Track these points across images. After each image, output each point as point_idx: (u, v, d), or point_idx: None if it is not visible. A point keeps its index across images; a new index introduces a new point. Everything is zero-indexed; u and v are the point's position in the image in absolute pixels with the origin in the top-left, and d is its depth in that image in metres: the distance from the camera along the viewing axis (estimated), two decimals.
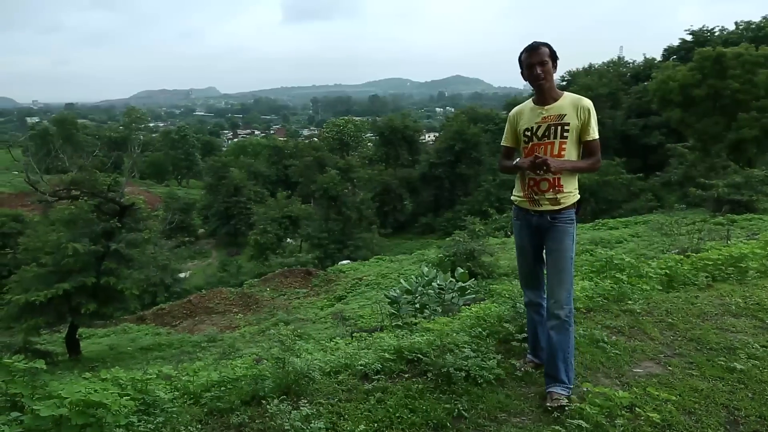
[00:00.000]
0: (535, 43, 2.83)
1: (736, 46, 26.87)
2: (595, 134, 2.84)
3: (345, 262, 25.94)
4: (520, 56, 2.89)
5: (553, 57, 2.84)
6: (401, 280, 7.20)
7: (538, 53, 2.80)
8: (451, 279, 6.76)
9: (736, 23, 38.75)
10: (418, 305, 6.16)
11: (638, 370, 3.28)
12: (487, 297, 6.91)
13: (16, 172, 45.58)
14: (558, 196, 2.84)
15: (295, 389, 3.03)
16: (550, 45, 2.84)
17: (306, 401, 2.91)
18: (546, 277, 3.00)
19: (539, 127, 2.87)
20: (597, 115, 2.89)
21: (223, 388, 3.15)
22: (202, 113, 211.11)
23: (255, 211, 38.44)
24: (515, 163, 2.94)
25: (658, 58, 41.46)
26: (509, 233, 23.78)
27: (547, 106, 2.86)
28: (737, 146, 25.56)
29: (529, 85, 2.99)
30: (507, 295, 4.47)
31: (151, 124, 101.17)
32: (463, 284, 6.49)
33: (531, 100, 2.99)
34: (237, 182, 43.58)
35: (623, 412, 2.61)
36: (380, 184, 42.41)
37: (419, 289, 6.49)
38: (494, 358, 3.28)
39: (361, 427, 2.59)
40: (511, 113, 3.05)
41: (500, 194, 38.42)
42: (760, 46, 26.05)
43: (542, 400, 2.86)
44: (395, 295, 6.73)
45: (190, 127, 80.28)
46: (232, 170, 45.29)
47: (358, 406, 2.85)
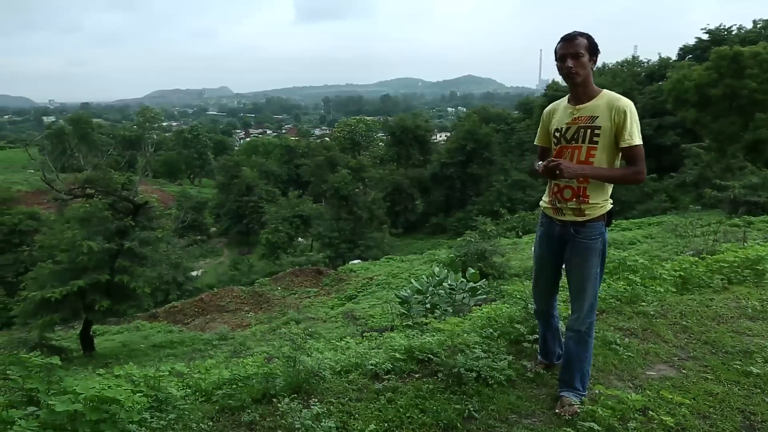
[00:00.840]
0: (573, 33, 2.55)
1: (754, 45, 26.47)
2: (634, 140, 2.51)
3: (356, 261, 25.99)
4: (556, 47, 2.60)
5: (592, 50, 2.54)
6: (412, 280, 7.19)
7: (573, 44, 2.51)
8: (462, 279, 6.73)
9: (754, 21, 38.19)
10: (428, 305, 6.15)
11: (651, 373, 3.25)
12: (498, 298, 6.89)
13: (32, 171, 46.31)
14: (582, 206, 2.60)
15: (306, 388, 3.04)
16: (590, 36, 2.55)
17: (316, 400, 2.92)
18: (569, 291, 2.84)
19: (569, 128, 2.62)
20: None
21: (234, 386, 3.17)
22: (215, 113, 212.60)
23: (266, 210, 38.66)
24: (536, 166, 2.69)
25: (674, 57, 41.00)
26: (520, 234, 23.66)
27: (579, 106, 2.61)
28: (754, 147, 25.16)
29: (541, 86, 2.82)
30: (518, 296, 4.45)
31: (165, 124, 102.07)
32: (474, 285, 6.46)
33: (567, 97, 2.75)
34: (249, 181, 43.83)
35: (636, 415, 2.58)
36: (391, 183, 42.41)
37: (430, 289, 6.47)
38: (505, 359, 3.27)
39: (372, 426, 2.59)
40: (546, 110, 2.85)
41: (512, 194, 38.22)
42: None
43: (553, 402, 2.84)
44: (406, 294, 6.73)
45: (203, 127, 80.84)
46: (244, 169, 45.56)
47: (368, 406, 2.85)
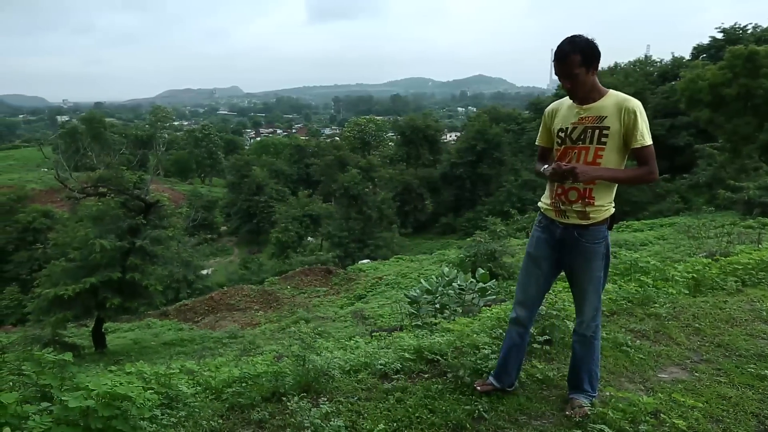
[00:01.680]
0: (564, 50, 2.40)
1: None
2: (646, 140, 2.45)
3: (365, 261, 26.02)
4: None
5: (588, 61, 2.40)
6: (421, 280, 7.17)
7: (565, 65, 2.40)
8: (472, 280, 6.71)
9: None
10: (438, 305, 6.13)
11: (663, 376, 3.22)
12: (507, 298, 6.85)
13: (46, 170, 46.89)
14: (587, 209, 2.52)
15: (315, 387, 3.05)
16: (584, 47, 2.39)
17: (326, 399, 2.93)
18: (573, 296, 2.79)
19: (575, 128, 2.53)
20: None
21: (244, 384, 3.18)
22: (226, 112, 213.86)
23: (276, 210, 38.81)
24: (542, 168, 2.60)
25: (687, 56, 40.54)
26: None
27: (586, 105, 2.51)
28: None
29: (552, 86, 2.76)
30: None
31: (176, 123, 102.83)
32: (483, 285, 6.43)
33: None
34: (259, 181, 44.04)
35: (647, 418, 2.56)
36: (401, 183, 42.39)
37: (440, 289, 6.46)
38: None
39: (381, 426, 2.59)
40: (547, 109, 2.75)
41: (522, 195, 38.02)
42: None
43: (563, 404, 2.82)
44: (415, 294, 6.72)
45: (214, 126, 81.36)
46: (254, 169, 45.78)
47: (377, 405, 2.86)
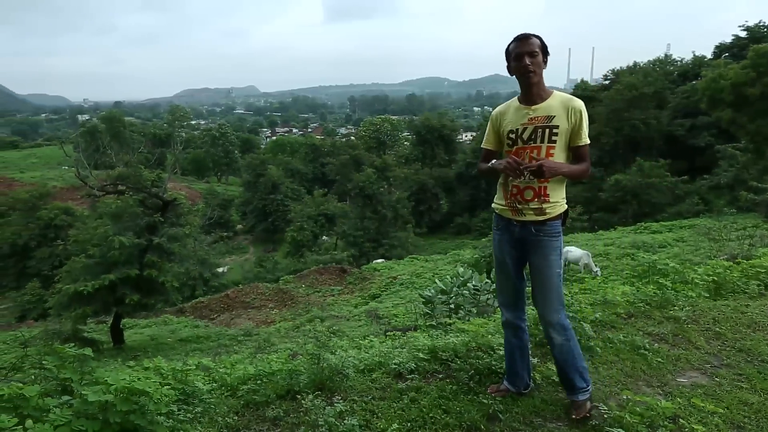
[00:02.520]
0: (526, 33, 2.59)
1: None
2: (587, 138, 2.59)
3: (379, 260, 26.03)
4: (508, 47, 2.62)
5: (544, 50, 2.57)
6: (436, 280, 7.16)
7: (528, 42, 2.54)
8: (487, 280, 6.68)
9: None
10: (452, 306, 6.11)
11: (682, 380, 3.16)
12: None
13: (66, 168, 47.76)
14: (544, 206, 2.60)
15: (330, 385, 3.06)
16: (541, 37, 2.59)
17: (340, 398, 2.94)
18: (533, 296, 2.77)
19: (525, 129, 2.59)
20: (641, 116, 2.69)
21: (259, 382, 3.20)
22: (242, 111, 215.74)
23: (292, 209, 39.04)
24: (492, 163, 2.65)
25: (709, 55, 39.79)
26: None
27: (534, 106, 2.60)
28: None
29: (569, 86, 2.78)
30: None
31: (193, 122, 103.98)
32: None
33: (516, 98, 2.72)
34: (275, 180, 44.33)
35: (666, 422, 2.51)
36: (416, 183, 42.33)
37: (454, 289, 6.43)
38: (530, 361, 3.23)
39: (395, 425, 2.59)
40: (494, 113, 2.80)
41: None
42: None
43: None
44: (430, 294, 6.71)
45: (230, 125, 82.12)
46: (270, 168, 46.09)
47: (391, 405, 2.85)
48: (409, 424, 2.65)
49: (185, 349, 12.22)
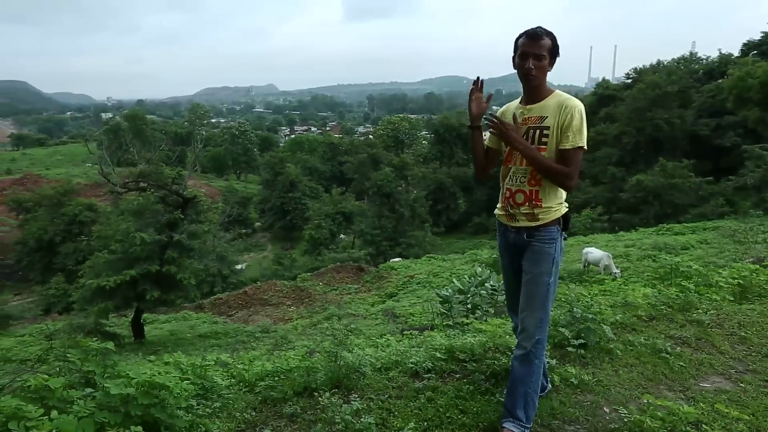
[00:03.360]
0: (539, 30, 2.41)
1: None
2: (577, 141, 2.37)
3: (396, 259, 26.01)
4: (517, 39, 2.46)
5: (553, 53, 2.43)
6: (454, 280, 7.13)
7: (537, 43, 2.38)
8: None
9: None
10: (470, 305, 6.09)
11: (705, 385, 3.10)
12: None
13: (90, 165, 48.72)
14: (535, 211, 2.49)
15: (347, 383, 3.07)
16: (554, 37, 2.42)
17: (357, 396, 2.94)
18: (520, 301, 2.63)
19: (518, 129, 2.49)
20: (664, 115, 2.53)
21: (276, 378, 3.23)
22: (261, 110, 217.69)
23: (310, 207, 39.25)
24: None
25: (736, 53, 38.87)
26: (565, 236, 23.00)
27: (530, 106, 2.51)
28: None
29: (590, 84, 2.70)
30: (563, 299, 4.34)
31: (213, 120, 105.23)
32: None
33: (520, 98, 2.63)
34: (293, 178, 44.61)
35: (688, 428, 2.47)
36: (434, 182, 42.22)
37: (472, 289, 6.40)
38: (548, 362, 3.20)
39: (411, 424, 2.59)
40: (498, 112, 2.73)
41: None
42: None
43: (597, 410, 2.75)
44: (447, 294, 6.68)
45: (250, 124, 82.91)
46: (288, 166, 46.38)
47: (408, 404, 2.85)
48: (425, 423, 2.64)
49: (204, 344, 12.36)
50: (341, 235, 36.33)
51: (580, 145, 2.38)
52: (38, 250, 30.26)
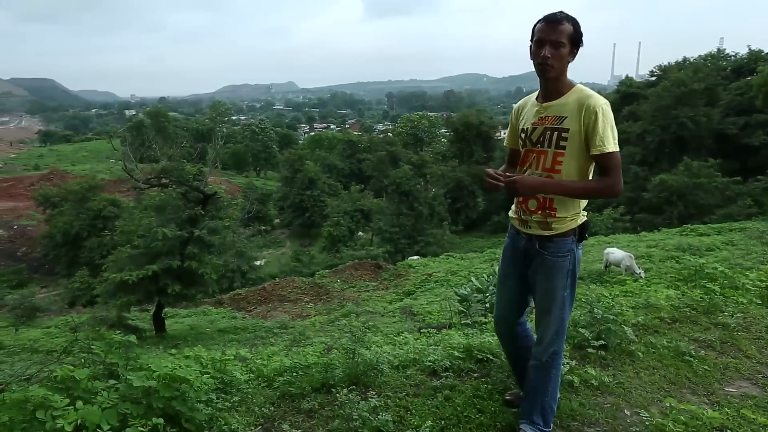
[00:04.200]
0: (559, 14, 2.13)
1: None
2: (606, 146, 2.12)
3: (415, 257, 25.97)
4: (535, 25, 2.19)
5: (574, 41, 2.14)
6: (472, 278, 7.09)
7: (556, 29, 2.10)
8: None
9: None
10: (488, 304, 6.04)
11: (731, 390, 3.03)
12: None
13: (114, 161, 49.65)
14: (549, 220, 2.28)
15: (364, 380, 3.07)
16: (577, 22, 2.14)
17: (374, 393, 2.95)
18: (535, 314, 2.54)
19: (534, 129, 2.27)
20: (690, 113, 2.27)
21: (294, 374, 3.25)
22: (281, 107, 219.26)
23: (328, 204, 39.41)
24: (485, 171, 2.24)
25: (766, 50, 37.81)
26: (586, 235, 22.69)
27: (546, 104, 2.24)
28: None
29: (613, 82, 2.53)
30: (583, 300, 4.28)
31: (234, 117, 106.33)
32: None
33: (537, 92, 2.36)
34: (312, 175, 44.82)
35: None
36: (453, 180, 41.99)
37: (490, 288, 6.36)
38: (568, 363, 3.16)
39: (428, 422, 2.58)
40: (515, 107, 2.49)
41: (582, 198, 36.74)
42: None
43: (617, 412, 2.71)
44: (465, 293, 6.65)
45: (270, 121, 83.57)
46: (307, 163, 46.62)
47: (425, 402, 2.85)
48: (442, 422, 2.63)
49: (223, 339, 12.52)
50: (359, 233, 36.41)
51: (610, 150, 2.13)
52: (64, 245, 30.98)
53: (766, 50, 37.40)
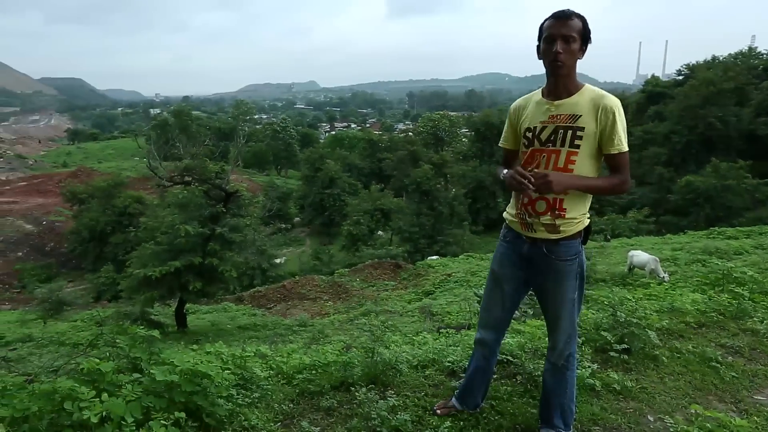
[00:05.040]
0: (567, 11, 2.12)
1: None
2: (623, 145, 2.13)
3: (434, 257, 25.88)
4: (543, 23, 2.17)
5: (584, 37, 2.13)
6: None
7: (566, 24, 2.09)
8: None
9: None
10: None
11: (760, 398, 2.95)
12: (583, 303, 6.56)
13: (138, 159, 50.59)
14: (557, 222, 2.21)
15: (383, 379, 3.07)
16: (585, 19, 2.14)
17: (393, 392, 2.95)
18: (545, 320, 2.49)
19: (544, 128, 2.20)
20: (718, 113, 2.23)
21: (314, 372, 3.27)
22: (303, 106, 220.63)
23: (348, 203, 39.54)
24: (501, 175, 2.24)
25: None
26: (608, 237, 22.37)
27: (557, 102, 2.18)
28: None
29: (638, 81, 2.47)
30: (605, 302, 4.22)
31: (256, 116, 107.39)
32: None
33: (540, 90, 2.31)
34: (332, 174, 45.01)
35: None
36: (473, 180, 41.75)
37: None
38: (589, 367, 3.12)
39: (447, 423, 2.57)
40: (512, 106, 2.43)
41: (599, 195, 36.21)
42: None
43: (640, 417, 2.66)
44: None
45: (291, 120, 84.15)
46: (328, 162, 46.83)
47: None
48: (461, 423, 2.62)
49: (243, 335, 12.65)
50: (379, 232, 36.43)
51: (626, 149, 2.16)
52: (90, 240, 31.75)
53: None
